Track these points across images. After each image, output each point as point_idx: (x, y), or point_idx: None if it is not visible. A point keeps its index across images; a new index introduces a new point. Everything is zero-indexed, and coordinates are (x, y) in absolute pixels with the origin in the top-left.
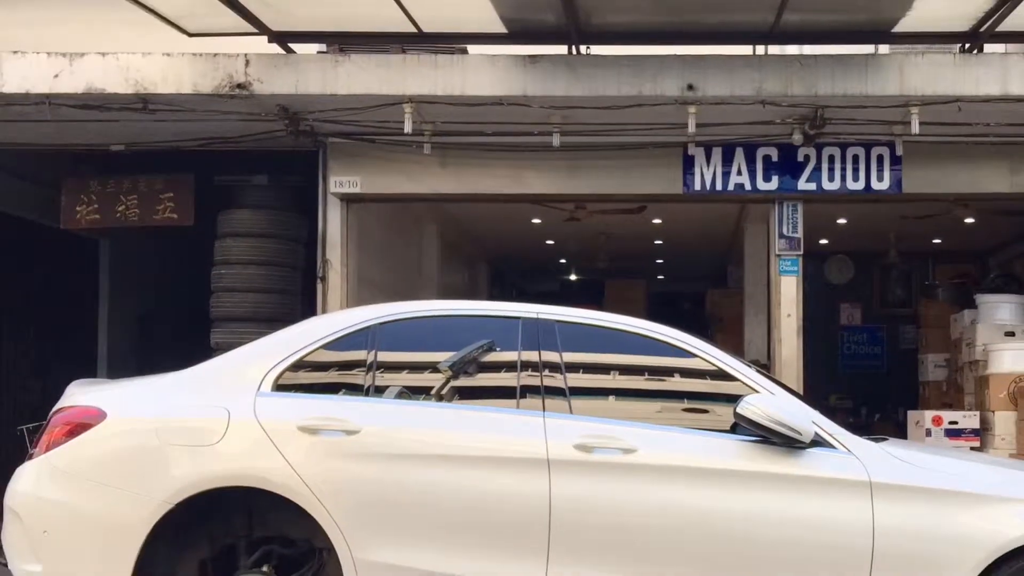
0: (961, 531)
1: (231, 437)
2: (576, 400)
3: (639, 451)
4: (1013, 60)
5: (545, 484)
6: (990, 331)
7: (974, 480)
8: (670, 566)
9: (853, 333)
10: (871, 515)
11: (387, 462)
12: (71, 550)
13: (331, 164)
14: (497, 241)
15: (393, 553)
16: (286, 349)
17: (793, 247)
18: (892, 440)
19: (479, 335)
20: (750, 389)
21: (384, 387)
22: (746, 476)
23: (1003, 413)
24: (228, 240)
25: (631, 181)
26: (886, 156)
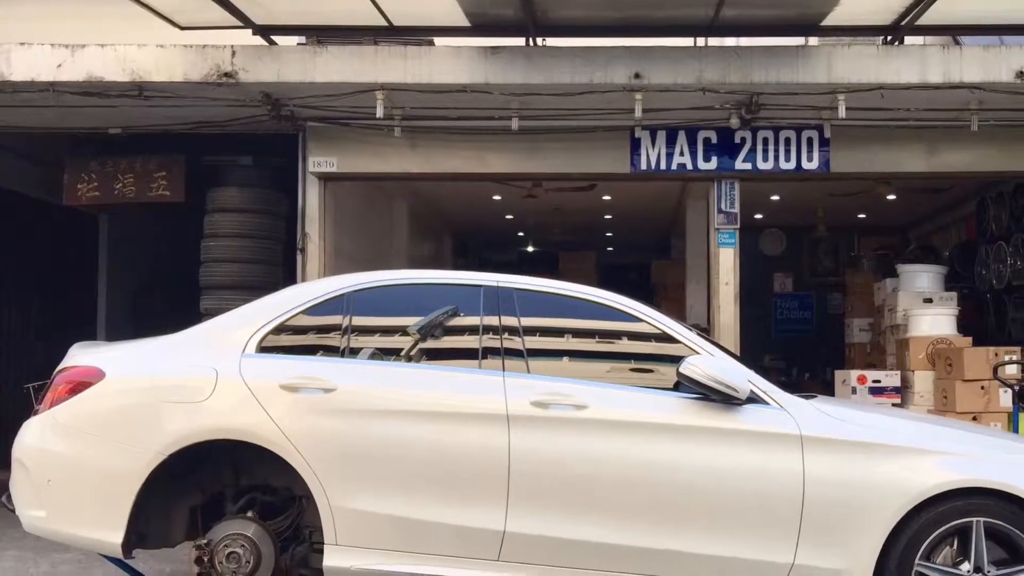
0: (884, 480)
1: (219, 395)
2: (533, 361)
3: (590, 407)
4: (931, 51)
5: (505, 438)
6: (910, 298)
7: (896, 434)
8: (618, 512)
9: (785, 300)
10: (802, 465)
11: (361, 417)
12: (73, 497)
13: (310, 146)
14: (461, 216)
15: (366, 500)
16: (269, 314)
17: (730, 221)
18: (821, 397)
19: (445, 301)
20: (691, 351)
21: (358, 349)
22: (688, 430)
23: (922, 372)
24: (216, 215)
25: (583, 161)
26: (815, 139)
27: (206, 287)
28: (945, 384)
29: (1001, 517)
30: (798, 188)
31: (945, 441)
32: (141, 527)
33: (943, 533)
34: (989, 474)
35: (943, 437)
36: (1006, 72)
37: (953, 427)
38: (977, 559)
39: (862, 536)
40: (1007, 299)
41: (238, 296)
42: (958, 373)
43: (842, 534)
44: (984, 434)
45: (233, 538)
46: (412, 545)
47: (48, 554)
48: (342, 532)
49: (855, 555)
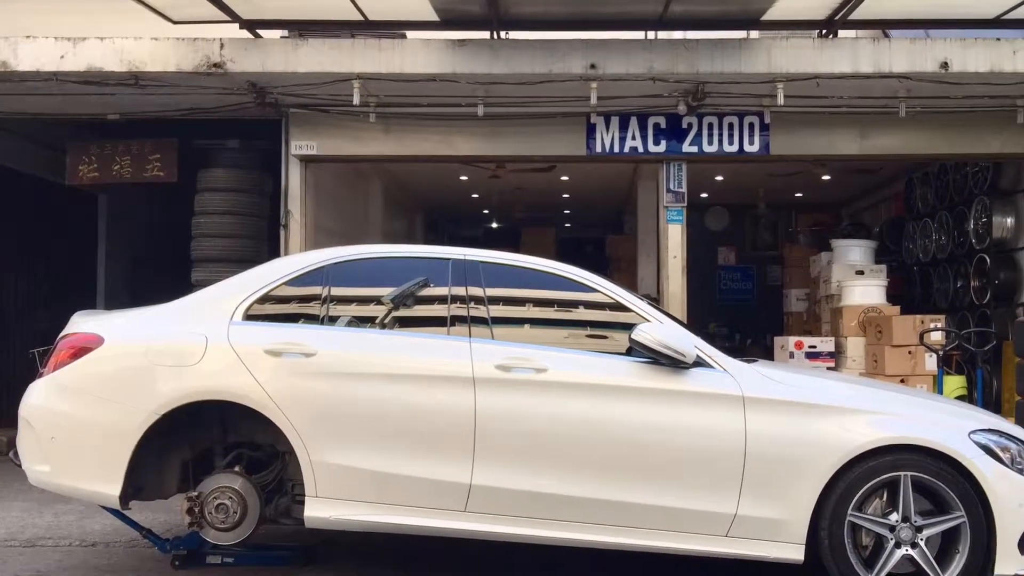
0: (820, 437)
1: (208, 359)
2: (497, 328)
3: (550, 370)
4: (862, 43)
5: (471, 398)
6: (843, 270)
7: (830, 395)
8: (575, 467)
9: (728, 272)
10: (744, 423)
11: (339, 380)
12: (74, 453)
13: (292, 130)
14: (431, 195)
15: (343, 455)
16: (254, 285)
17: (678, 200)
18: (761, 361)
19: (416, 273)
20: (642, 318)
21: (336, 317)
22: (639, 391)
23: (854, 339)
24: (206, 194)
25: (543, 144)
26: (756, 124)
27: (197, 260)
28: (875, 349)
29: (926, 471)
30: (740, 169)
31: (875, 402)
32: (137, 480)
33: (873, 486)
34: (915, 432)
35: (873, 398)
36: (931, 63)
37: (882, 389)
38: (904, 510)
39: (799, 489)
40: (932, 271)
41: (226, 268)
42: (887, 339)
43: (781, 487)
44: (911, 395)
45: (221, 491)
46: (386, 497)
47: (52, 505)
48: (322, 485)
49: (793, 506)
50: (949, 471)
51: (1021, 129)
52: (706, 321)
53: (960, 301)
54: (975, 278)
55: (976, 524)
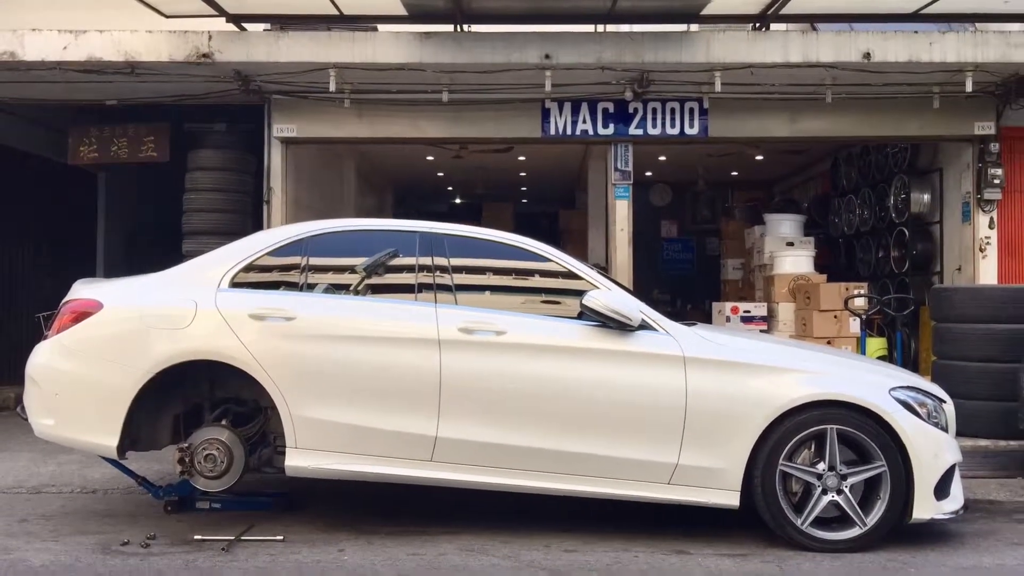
0: (754, 394)
1: (198, 322)
2: (460, 294)
3: (508, 333)
4: (791, 36)
5: (436, 358)
6: (775, 242)
7: (763, 355)
8: (531, 420)
9: (671, 243)
10: (684, 381)
11: (316, 341)
12: (76, 408)
13: (274, 115)
14: (400, 173)
15: (320, 410)
16: (240, 255)
17: (625, 178)
18: (701, 324)
19: (387, 245)
20: (592, 286)
21: (314, 284)
22: (589, 352)
23: (784, 304)
24: (196, 173)
25: (502, 127)
26: (696, 109)
27: (187, 233)
28: (804, 314)
29: (851, 424)
30: (681, 150)
31: (804, 361)
32: (133, 433)
33: (802, 438)
34: (841, 389)
35: (802, 358)
36: (855, 54)
37: (810, 350)
38: (831, 460)
39: (735, 441)
40: (856, 243)
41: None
42: (815, 304)
43: (718, 439)
44: (836, 355)
45: (210, 442)
46: (359, 448)
47: (55, 456)
48: (301, 437)
49: (729, 456)
50: (871, 425)
51: (937, 114)
52: (650, 288)
53: (881, 270)
54: (895, 249)
55: (896, 473)
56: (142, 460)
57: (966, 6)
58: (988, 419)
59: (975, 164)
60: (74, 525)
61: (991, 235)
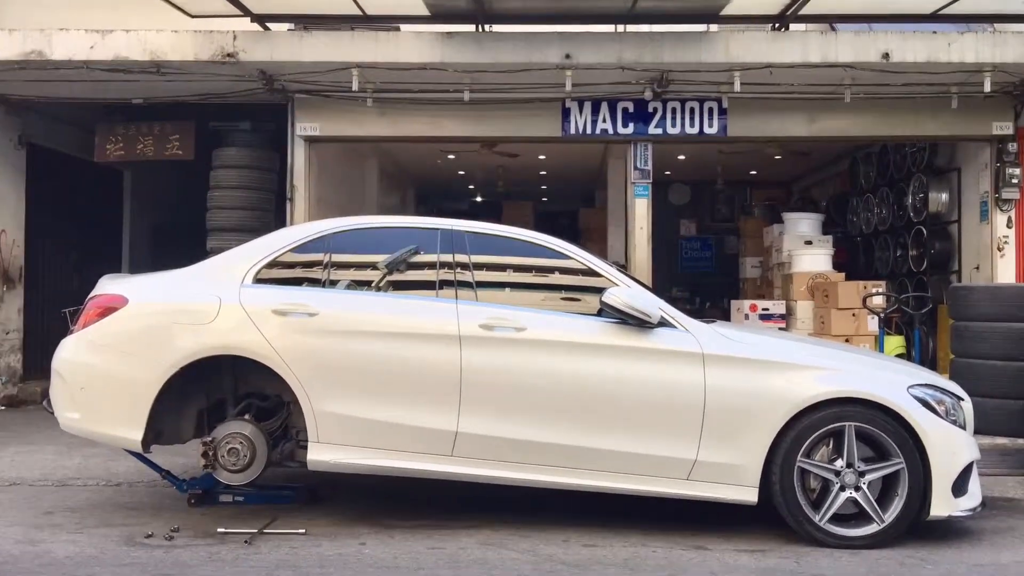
0: (772, 391)
1: (222, 318)
2: (481, 291)
3: (528, 329)
4: (811, 36)
5: (457, 354)
6: (793, 241)
7: (782, 352)
8: (551, 416)
9: (690, 242)
10: (703, 378)
11: (339, 337)
12: (102, 402)
13: (297, 113)
14: (422, 171)
15: (342, 405)
16: (263, 252)
17: (644, 177)
18: (719, 322)
19: (408, 242)
20: (612, 283)
21: (336, 281)
22: (609, 348)
23: (803, 302)
24: (220, 170)
25: (522, 126)
26: (715, 108)
27: (211, 229)
28: (822, 312)
29: (868, 422)
30: (700, 149)
31: (822, 359)
32: (157, 427)
33: (820, 435)
34: (859, 386)
35: (821, 355)
36: (873, 54)
37: (829, 347)
38: (849, 457)
39: (753, 437)
40: (874, 242)
41: (238, 237)
42: (833, 303)
43: (736, 436)
44: (855, 353)
45: (233, 436)
46: (381, 442)
47: (80, 449)
48: (323, 431)
49: (747, 453)
50: (889, 422)
51: (955, 114)
52: (669, 286)
53: (899, 269)
54: (913, 248)
55: (913, 470)
56: (166, 454)
57: (985, 7)
58: (1006, 417)
59: (993, 164)
60: (99, 517)
61: (1009, 234)
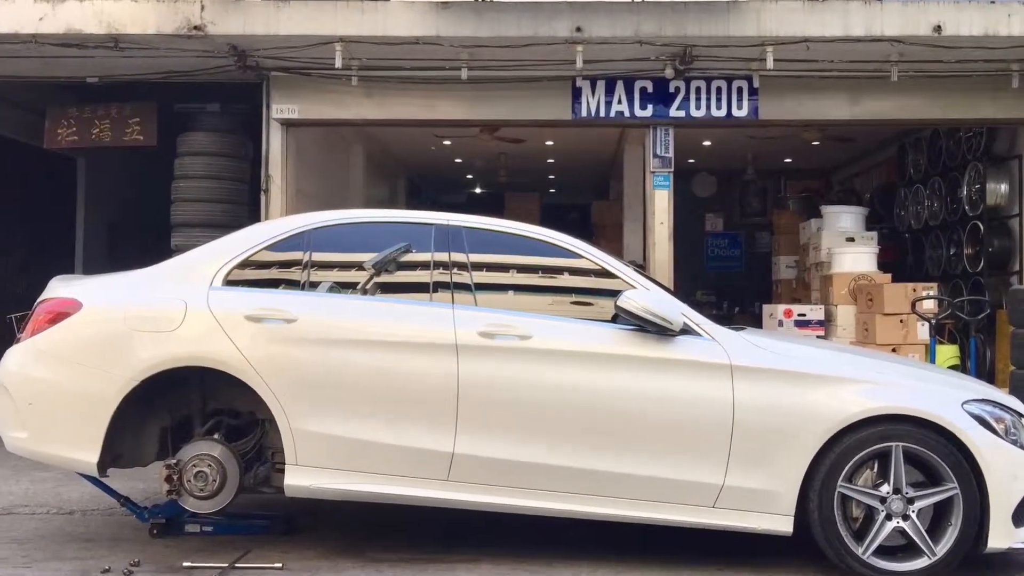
0: (809, 407)
1: (188, 324)
2: (480, 294)
3: (534, 337)
4: (854, 6)
5: (454, 365)
6: (833, 237)
7: (820, 363)
8: (560, 436)
9: (716, 239)
10: (731, 392)
11: (320, 346)
12: (52, 420)
13: (273, 94)
14: (414, 159)
15: (324, 423)
16: (234, 250)
17: (665, 165)
18: (750, 329)
19: (398, 239)
20: (628, 285)
21: (317, 283)
22: (625, 359)
23: (844, 307)
24: (186, 158)
25: (527, 108)
26: (745, 88)
27: (176, 225)
28: (866, 318)
29: (918, 442)
30: (728, 134)
31: (866, 371)
32: (115, 447)
33: (864, 457)
34: (907, 402)
35: (864, 367)
36: (924, 26)
37: (873, 357)
38: (896, 481)
39: (788, 460)
40: (924, 238)
41: (206, 233)
42: (878, 307)
43: (769, 458)
44: (902, 364)
45: (200, 458)
46: (368, 465)
47: (28, 472)
48: (302, 453)
49: (781, 477)
50: (941, 442)
51: (1016, 94)
52: (693, 289)
53: (953, 269)
54: (968, 245)
55: (969, 496)
56: (125, 478)
57: None
58: None
59: None
60: (49, 550)
61: None
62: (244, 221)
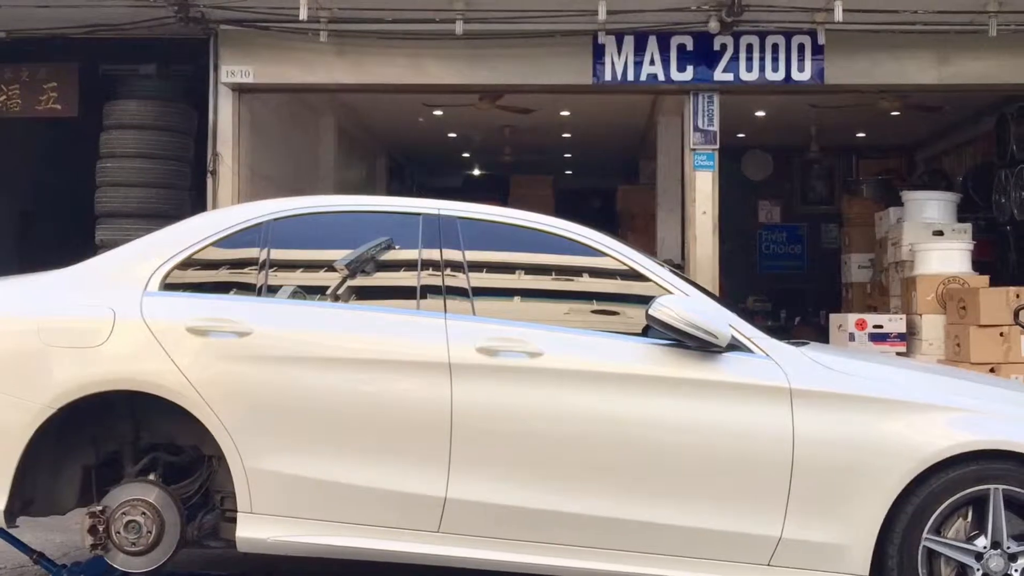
0: (887, 441)
1: (116, 338)
2: (479, 301)
3: (546, 354)
4: None
5: (446, 389)
6: (917, 230)
7: (901, 386)
8: (578, 477)
9: (772, 232)
10: (791, 423)
11: (280, 365)
12: None
13: (222, 53)
14: (397, 134)
15: (286, 461)
16: (175, 246)
17: (709, 141)
18: (813, 344)
19: (377, 232)
20: (663, 290)
21: (277, 287)
22: (659, 381)
23: (930, 316)
24: (114, 132)
25: (538, 71)
26: (807, 45)
27: (102, 215)
28: (958, 330)
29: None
30: (787, 102)
31: (958, 396)
32: (27, 491)
33: (955, 503)
34: (1009, 434)
35: (956, 391)
36: None
37: (967, 379)
38: (995, 533)
39: (861, 506)
40: None
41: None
42: (973, 317)
43: (838, 504)
44: (1003, 388)
45: (132, 504)
46: (339, 514)
47: None
48: (258, 498)
49: (853, 528)
50: None
51: None
52: (744, 294)
53: None
54: None
55: None
56: (39, 528)
57: None
58: None
59: None
60: None
61: None
62: (187, 210)
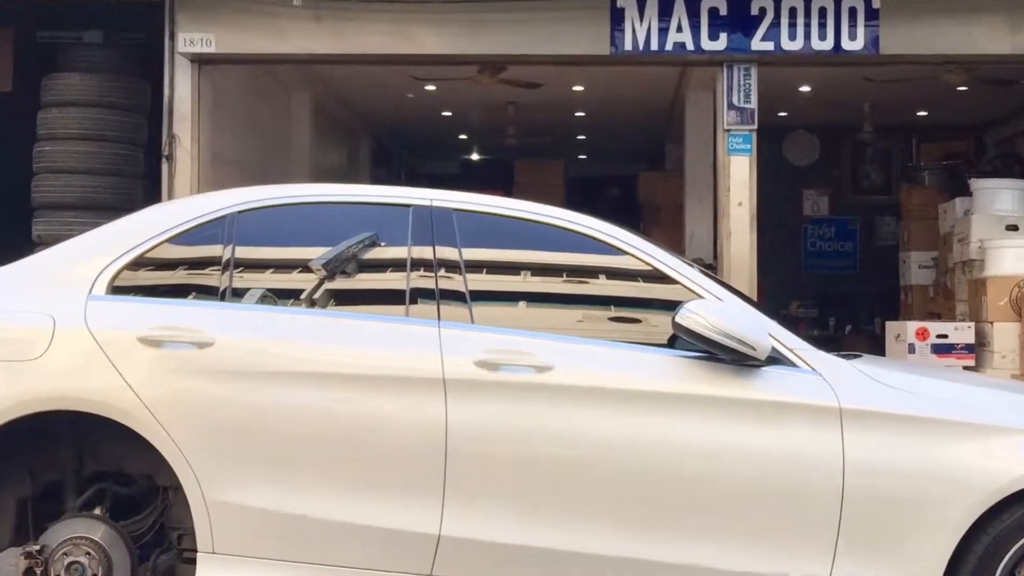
0: (953, 468)
1: (56, 350)
2: (478, 307)
3: (555, 369)
4: None
5: (440, 409)
6: (988, 224)
7: (969, 406)
8: (593, 513)
9: (819, 226)
10: (841, 448)
11: (247, 381)
12: None
13: (179, 18)
14: (383, 112)
15: (253, 493)
16: (124, 243)
17: (745, 120)
18: (867, 357)
19: (360, 227)
20: (692, 294)
21: (243, 290)
22: (687, 400)
23: (1003, 325)
24: (53, 110)
25: (547, 40)
26: (860, 9)
27: (40, 206)
28: None
29: None
30: (836, 76)
31: None
32: None
33: None
34: None
35: None
36: None
37: None
38: None
39: (922, 544)
40: None
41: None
42: None
43: (895, 541)
44: None
45: (75, 543)
46: (315, 554)
47: None
48: (221, 536)
49: (913, 568)
50: None
51: None
52: (787, 299)
53: None
54: None
55: None
56: None
57: None
58: None
59: None
60: None
61: None
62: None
